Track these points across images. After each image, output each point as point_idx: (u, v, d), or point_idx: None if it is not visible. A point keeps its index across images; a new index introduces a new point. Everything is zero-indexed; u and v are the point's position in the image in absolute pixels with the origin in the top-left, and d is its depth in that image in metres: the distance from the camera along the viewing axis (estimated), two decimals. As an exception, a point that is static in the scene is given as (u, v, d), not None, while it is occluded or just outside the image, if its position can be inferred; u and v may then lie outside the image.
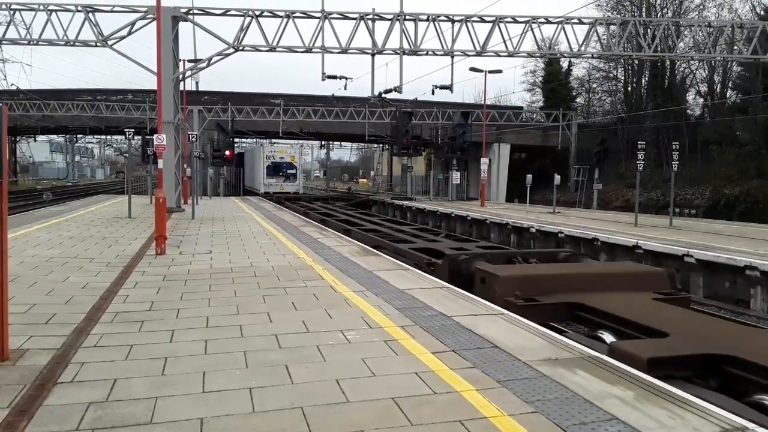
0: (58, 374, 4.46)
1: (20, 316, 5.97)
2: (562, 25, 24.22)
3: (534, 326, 6.12)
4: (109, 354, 4.96)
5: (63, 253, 10.46)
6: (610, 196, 38.01)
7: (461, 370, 4.70)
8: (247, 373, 4.58)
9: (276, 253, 10.99)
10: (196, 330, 5.73)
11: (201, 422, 3.69)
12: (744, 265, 11.59)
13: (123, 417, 3.74)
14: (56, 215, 18.20)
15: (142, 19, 21.26)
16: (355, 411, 3.91)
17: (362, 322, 6.13)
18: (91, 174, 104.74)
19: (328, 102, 44.55)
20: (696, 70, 41.48)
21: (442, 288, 8.04)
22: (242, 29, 22.00)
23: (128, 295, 7.27)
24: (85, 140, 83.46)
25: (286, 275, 8.75)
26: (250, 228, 15.78)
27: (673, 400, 4.16)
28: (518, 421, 3.76)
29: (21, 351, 4.94)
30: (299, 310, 6.63)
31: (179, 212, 20.81)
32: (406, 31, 23.16)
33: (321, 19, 22.47)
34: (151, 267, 9.35)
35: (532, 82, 56.00)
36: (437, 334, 5.68)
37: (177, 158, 22.14)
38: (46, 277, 8.19)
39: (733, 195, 31.11)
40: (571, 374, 4.63)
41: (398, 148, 35.19)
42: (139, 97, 48.56)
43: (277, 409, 3.90)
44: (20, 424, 3.58)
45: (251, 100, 49.19)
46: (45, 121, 49.19)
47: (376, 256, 10.90)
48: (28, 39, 22.34)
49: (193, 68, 24.73)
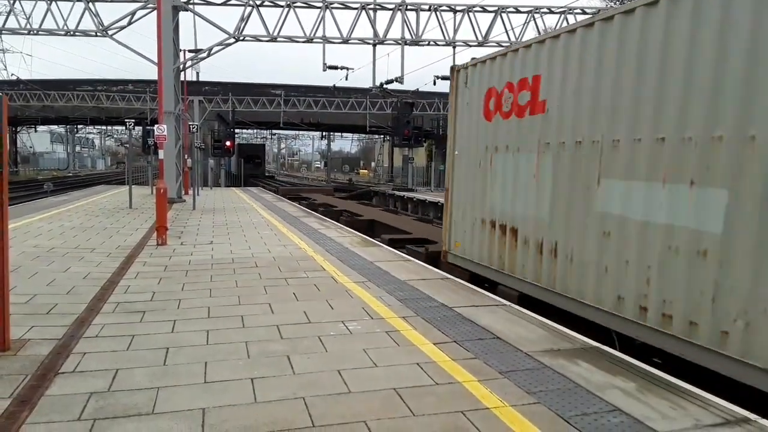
0: (60, 364, 4.46)
1: (22, 306, 5.97)
2: (564, 15, 24.10)
3: (535, 317, 6.12)
4: (110, 344, 4.97)
5: (64, 243, 10.45)
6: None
7: (463, 360, 4.69)
8: (249, 363, 4.58)
9: (277, 244, 10.99)
10: (198, 320, 5.73)
11: (203, 412, 3.69)
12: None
13: (125, 407, 3.74)
14: (57, 206, 18.19)
15: (143, 9, 21.18)
16: (357, 401, 3.91)
17: (363, 312, 6.13)
18: (91, 164, 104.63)
19: (329, 92, 44.47)
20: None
21: (444, 279, 8.03)
22: (243, 19, 21.90)
23: (130, 285, 7.27)
24: (86, 131, 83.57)
25: (287, 266, 8.75)
26: (251, 219, 15.76)
27: (675, 391, 4.16)
28: (520, 412, 3.76)
29: (22, 341, 4.94)
30: (300, 300, 6.63)
31: (180, 203, 20.80)
32: (408, 21, 23.06)
33: (322, 8, 22.36)
34: (153, 257, 9.34)
35: (533, 73, 55.73)
36: (438, 325, 5.68)
37: (178, 149, 22.10)
38: (47, 268, 8.19)
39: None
40: (573, 365, 4.63)
41: (399, 139, 35.15)
42: (140, 88, 48.50)
43: (278, 400, 3.91)
44: (22, 414, 3.58)
45: (252, 90, 49.13)
46: (45, 111, 49.13)
47: (378, 247, 10.89)
48: (28, 29, 22.29)
49: (193, 58, 24.62)
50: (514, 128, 7.67)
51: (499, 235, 8.03)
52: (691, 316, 4.91)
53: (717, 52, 4.72)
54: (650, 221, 5.37)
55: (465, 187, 9.08)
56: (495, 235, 8.12)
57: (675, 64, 5.12)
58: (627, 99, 5.65)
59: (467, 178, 9.01)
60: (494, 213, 8.18)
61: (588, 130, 6.22)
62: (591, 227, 6.16)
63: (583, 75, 6.30)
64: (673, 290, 5.08)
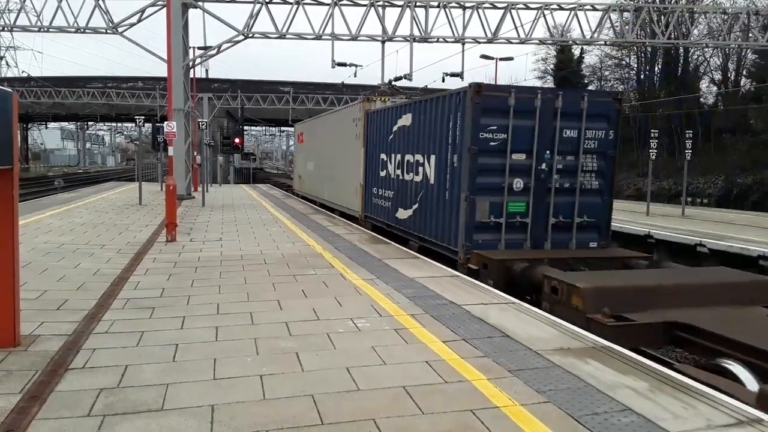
0: (70, 360, 4.47)
1: (32, 302, 6.00)
2: (574, 12, 23.93)
3: (544, 315, 6.08)
4: (120, 340, 4.98)
5: (74, 239, 10.51)
6: (621, 185, 37.66)
7: (472, 359, 4.67)
8: (258, 360, 4.58)
9: (286, 241, 10.99)
10: (207, 317, 5.74)
11: (212, 409, 3.69)
12: (757, 255, 11.47)
13: (134, 403, 3.75)
14: (67, 202, 18.30)
15: (152, 6, 21.21)
16: (366, 399, 3.90)
17: (372, 310, 6.12)
18: (101, 161, 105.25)
19: (338, 90, 44.42)
20: (710, 57, 40.89)
21: (452, 276, 8.00)
22: (252, 16, 21.90)
23: (139, 281, 7.29)
24: (96, 127, 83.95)
25: (296, 263, 8.75)
26: (260, 215, 15.79)
27: (687, 391, 4.12)
28: (530, 411, 3.74)
29: (33, 337, 4.97)
30: (309, 297, 6.63)
31: (189, 199, 20.87)
32: (417, 17, 22.96)
33: (331, 5, 22.32)
34: (162, 254, 9.37)
35: (543, 70, 55.45)
36: (448, 323, 5.66)
37: (187, 145, 22.15)
38: (57, 264, 8.23)
39: (745, 184, 30.77)
40: (583, 364, 4.60)
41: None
42: (150, 85, 48.61)
43: (287, 397, 3.90)
44: (32, 410, 3.60)
45: (261, 87, 49.13)
46: (56, 108, 49.43)
47: (386, 244, 10.87)
48: (38, 26, 22.37)
49: (203, 55, 24.66)
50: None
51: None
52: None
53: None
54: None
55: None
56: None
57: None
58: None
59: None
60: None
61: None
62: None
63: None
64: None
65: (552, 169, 9.24)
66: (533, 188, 9.20)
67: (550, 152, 9.20)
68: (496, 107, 8.96)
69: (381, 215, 13.63)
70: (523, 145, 9.08)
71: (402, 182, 12.14)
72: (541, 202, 9.27)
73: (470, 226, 9.04)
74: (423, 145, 10.89)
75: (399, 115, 12.25)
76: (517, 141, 9.03)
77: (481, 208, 9.06)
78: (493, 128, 8.95)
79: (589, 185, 9.53)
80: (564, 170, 9.32)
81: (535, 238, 9.32)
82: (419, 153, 11.09)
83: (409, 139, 11.62)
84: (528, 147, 9.10)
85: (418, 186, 11.18)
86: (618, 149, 9.74)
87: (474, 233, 9.08)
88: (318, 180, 21.17)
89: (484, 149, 8.95)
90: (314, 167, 22.21)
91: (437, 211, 10.24)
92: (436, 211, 10.30)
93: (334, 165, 18.42)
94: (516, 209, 9.21)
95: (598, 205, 9.62)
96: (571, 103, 9.23)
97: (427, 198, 10.71)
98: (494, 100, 8.95)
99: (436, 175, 10.27)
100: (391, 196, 12.92)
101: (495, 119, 8.95)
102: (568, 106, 9.20)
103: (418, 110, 11.16)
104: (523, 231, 9.27)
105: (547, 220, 9.33)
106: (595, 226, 9.66)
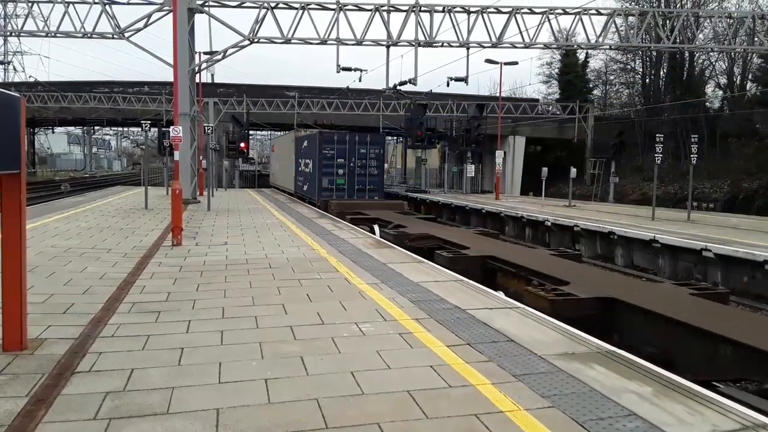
0: (76, 364, 4.50)
1: (38, 306, 6.04)
2: (579, 16, 23.96)
3: (549, 320, 6.08)
4: (126, 344, 5.00)
5: (81, 243, 10.56)
6: (626, 190, 37.63)
7: (477, 363, 4.67)
8: (263, 364, 4.59)
9: (291, 245, 11.02)
10: (212, 321, 5.76)
11: (217, 413, 3.70)
12: (763, 260, 11.43)
13: (140, 407, 3.77)
14: (74, 206, 18.39)
15: (159, 11, 21.36)
16: (371, 403, 3.90)
17: (377, 314, 6.13)
18: (108, 165, 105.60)
19: (343, 94, 44.52)
20: (715, 61, 40.86)
21: (457, 281, 8.01)
22: (257, 21, 22.03)
23: (145, 285, 7.32)
24: (102, 132, 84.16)
25: (301, 267, 8.77)
26: (265, 220, 15.83)
27: (692, 396, 4.11)
28: (535, 416, 3.74)
29: (39, 340, 4.99)
30: (314, 301, 6.64)
31: (195, 204, 20.95)
32: (422, 22, 23.05)
33: (336, 10, 22.42)
34: (168, 258, 9.41)
35: (548, 74, 55.57)
36: (452, 327, 5.66)
37: (193, 150, 22.26)
38: (64, 267, 8.27)
39: (751, 189, 30.67)
40: (588, 369, 4.59)
41: (412, 141, 35.10)
42: (156, 90, 48.83)
43: (292, 401, 3.91)
44: (39, 413, 3.62)
45: (266, 92, 49.30)
46: (62, 113, 49.67)
47: (390, 248, 10.88)
48: (45, 31, 22.57)
49: (208, 60, 24.80)
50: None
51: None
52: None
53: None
54: (283, 173, 34.77)
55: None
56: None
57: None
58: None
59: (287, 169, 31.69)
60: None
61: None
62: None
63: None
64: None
65: (355, 165, 22.66)
66: (347, 173, 22.67)
67: (354, 158, 22.60)
68: (330, 140, 22.73)
69: (299, 191, 27.71)
70: (341, 155, 22.68)
71: (303, 173, 26.55)
72: (352, 179, 22.76)
73: (320, 189, 22.63)
74: (308, 155, 24.68)
75: (303, 141, 26.53)
76: (338, 154, 22.65)
77: (325, 181, 22.64)
78: (328, 148, 22.52)
79: (373, 172, 23.22)
80: (360, 166, 22.80)
81: (350, 195, 22.63)
82: (308, 159, 24.95)
83: (306, 152, 25.49)
84: (344, 156, 22.63)
85: (307, 174, 25.29)
86: (386, 159, 24.07)
87: (322, 192, 22.62)
88: (280, 175, 37.11)
89: (324, 157, 22.53)
90: (278, 167, 38.38)
91: (311, 184, 23.81)
92: (311, 184, 23.87)
93: (285, 165, 32.72)
94: (340, 182, 22.72)
95: (377, 181, 23.42)
96: (362, 138, 22.97)
97: (309, 178, 24.53)
98: (329, 136, 23.07)
99: (312, 169, 23.80)
100: (301, 180, 27.23)
101: (329, 145, 22.59)
102: (362, 138, 22.96)
103: (308, 139, 25.24)
104: (344, 192, 22.65)
105: (353, 187, 22.71)
106: (375, 190, 23.22)
